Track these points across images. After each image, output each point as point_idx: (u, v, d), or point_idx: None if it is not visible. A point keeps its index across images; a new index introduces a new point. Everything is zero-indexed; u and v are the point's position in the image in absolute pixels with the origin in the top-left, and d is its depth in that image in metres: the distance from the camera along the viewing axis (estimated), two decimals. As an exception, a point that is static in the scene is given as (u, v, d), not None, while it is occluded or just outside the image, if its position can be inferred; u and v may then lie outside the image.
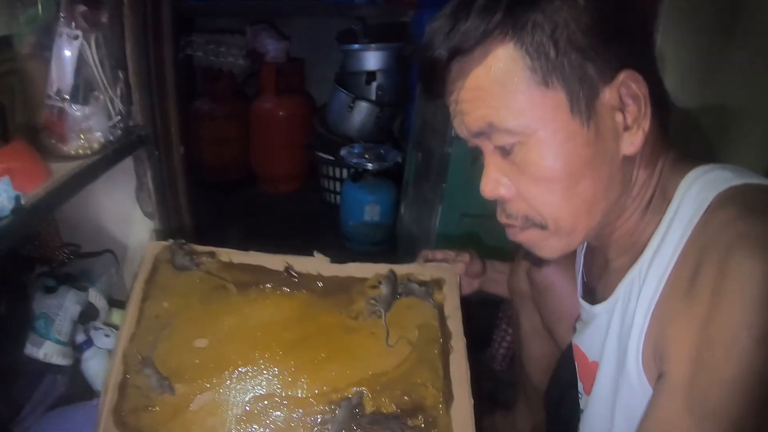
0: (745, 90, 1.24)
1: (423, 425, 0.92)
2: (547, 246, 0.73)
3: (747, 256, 0.55)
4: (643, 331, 0.67)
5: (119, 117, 1.14)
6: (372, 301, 1.07)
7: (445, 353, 1.02)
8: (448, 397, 0.96)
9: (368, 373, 0.98)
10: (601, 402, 0.79)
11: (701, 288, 0.58)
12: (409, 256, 1.20)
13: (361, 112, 2.59)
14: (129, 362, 0.97)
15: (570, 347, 1.02)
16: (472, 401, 0.96)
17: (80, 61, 1.03)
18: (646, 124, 0.65)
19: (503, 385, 1.66)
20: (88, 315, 1.29)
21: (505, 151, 0.68)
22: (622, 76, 0.64)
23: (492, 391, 1.64)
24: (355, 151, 2.42)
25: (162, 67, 1.30)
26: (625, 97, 0.65)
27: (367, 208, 2.34)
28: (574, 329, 0.97)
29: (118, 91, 1.13)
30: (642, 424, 0.64)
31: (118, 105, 1.14)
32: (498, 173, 0.70)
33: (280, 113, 2.84)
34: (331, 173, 2.72)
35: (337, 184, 2.71)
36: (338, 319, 1.06)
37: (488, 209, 1.75)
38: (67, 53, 1.02)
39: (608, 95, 0.64)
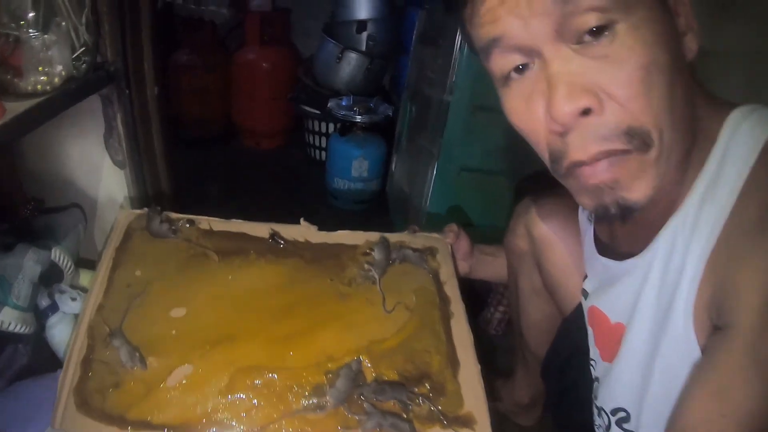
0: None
1: (431, 393, 0.87)
2: (645, 177, 0.59)
3: None
4: (696, 282, 0.60)
5: (84, 48, 1.03)
6: (366, 266, 1.03)
7: (446, 318, 0.99)
8: (453, 363, 0.92)
9: (366, 340, 0.92)
10: (632, 366, 0.74)
11: None
12: (399, 215, 1.16)
13: (350, 64, 2.52)
14: (95, 335, 0.89)
15: (576, 312, 0.99)
16: (479, 366, 0.92)
17: (39, -19, 0.92)
18: (695, 28, 0.59)
19: (500, 351, 1.62)
20: (51, 276, 1.19)
21: (584, 42, 0.55)
22: None
23: (489, 357, 1.58)
24: (343, 103, 2.34)
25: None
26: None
27: (355, 164, 2.27)
28: (584, 292, 0.92)
29: (83, 19, 1.02)
30: (697, 378, 0.60)
31: (83, 34, 1.02)
32: (573, 77, 0.56)
33: (264, 65, 2.76)
34: (316, 128, 2.64)
35: (323, 140, 2.65)
36: (330, 285, 1.01)
37: (488, 163, 1.69)
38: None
39: None
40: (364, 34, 2.55)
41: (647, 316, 0.70)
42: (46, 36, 0.96)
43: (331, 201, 2.41)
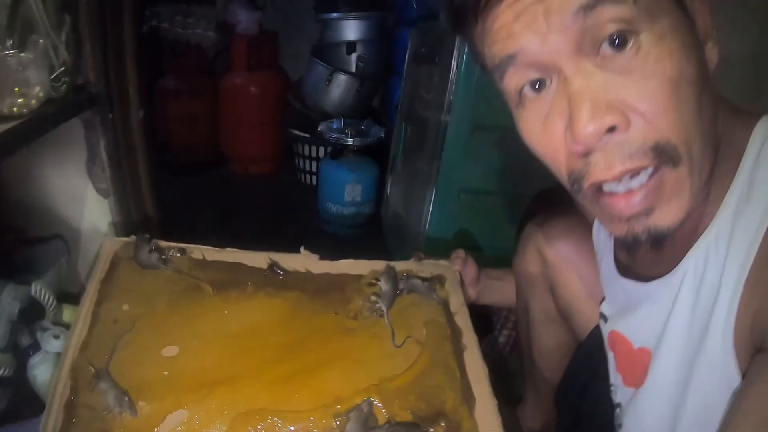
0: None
1: None
2: (680, 197, 0.56)
3: None
4: (735, 303, 0.57)
5: (63, 68, 0.99)
6: (372, 298, 0.99)
7: (458, 351, 0.94)
8: (469, 399, 0.87)
9: (376, 378, 0.86)
10: (661, 394, 0.71)
11: None
12: (395, 239, 1.11)
13: (339, 86, 2.51)
14: (79, 377, 0.82)
15: (593, 335, 0.96)
16: (496, 401, 0.87)
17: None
18: (715, 36, 0.57)
19: (508, 376, 1.56)
20: (32, 313, 1.14)
21: (605, 55, 0.52)
22: None
23: (501, 385, 1.54)
24: (334, 126, 2.32)
25: (120, 13, 1.14)
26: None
27: (348, 188, 2.24)
28: (602, 315, 0.89)
29: (63, 37, 0.98)
30: (739, 407, 0.56)
31: (63, 54, 0.99)
32: (596, 94, 0.52)
33: (252, 89, 2.75)
34: (307, 152, 2.62)
35: (314, 164, 2.62)
36: (334, 319, 0.96)
37: (488, 183, 1.66)
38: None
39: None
40: (354, 56, 2.55)
41: (678, 341, 0.67)
42: (22, 54, 0.92)
43: (324, 226, 2.37)
